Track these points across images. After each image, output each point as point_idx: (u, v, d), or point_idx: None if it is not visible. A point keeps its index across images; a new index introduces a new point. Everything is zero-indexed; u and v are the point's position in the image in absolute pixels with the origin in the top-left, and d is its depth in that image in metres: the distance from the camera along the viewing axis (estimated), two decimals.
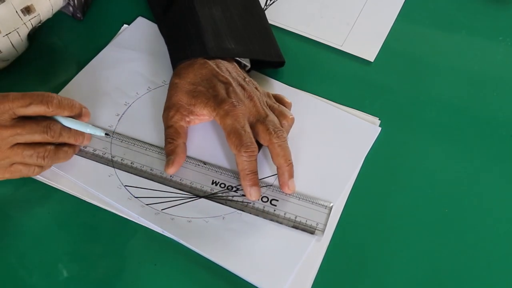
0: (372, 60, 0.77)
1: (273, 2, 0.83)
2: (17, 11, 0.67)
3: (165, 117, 0.66)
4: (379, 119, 0.71)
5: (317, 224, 0.62)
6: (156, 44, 0.76)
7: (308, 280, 0.59)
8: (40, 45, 0.75)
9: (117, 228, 0.62)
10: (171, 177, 0.64)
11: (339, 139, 0.69)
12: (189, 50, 0.68)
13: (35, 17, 0.69)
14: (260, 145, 0.63)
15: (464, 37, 0.81)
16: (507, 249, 0.62)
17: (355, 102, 0.72)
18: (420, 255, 0.62)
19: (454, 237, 0.63)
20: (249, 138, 0.62)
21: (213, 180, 0.65)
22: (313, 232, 0.61)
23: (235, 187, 0.64)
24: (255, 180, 0.62)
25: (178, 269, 0.60)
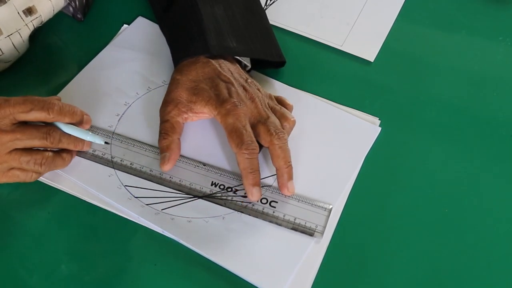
0: (372, 60, 0.77)
1: (273, 2, 0.83)
2: (18, 12, 0.67)
3: (162, 111, 0.66)
4: (379, 119, 0.71)
5: (316, 226, 0.62)
6: (156, 44, 0.76)
7: (308, 280, 0.59)
8: (41, 46, 0.75)
9: (117, 228, 0.62)
10: (170, 178, 0.64)
11: (339, 139, 0.69)
12: (192, 47, 0.68)
13: (36, 18, 0.69)
14: (260, 146, 0.63)
15: (464, 37, 0.81)
16: (507, 249, 0.62)
17: (355, 102, 0.72)
18: (420, 255, 0.62)
19: (454, 237, 0.63)
20: (250, 137, 0.62)
21: (212, 181, 0.65)
22: (312, 234, 0.61)
23: (234, 188, 0.64)
24: (257, 179, 0.62)
25: (178, 269, 0.60)
